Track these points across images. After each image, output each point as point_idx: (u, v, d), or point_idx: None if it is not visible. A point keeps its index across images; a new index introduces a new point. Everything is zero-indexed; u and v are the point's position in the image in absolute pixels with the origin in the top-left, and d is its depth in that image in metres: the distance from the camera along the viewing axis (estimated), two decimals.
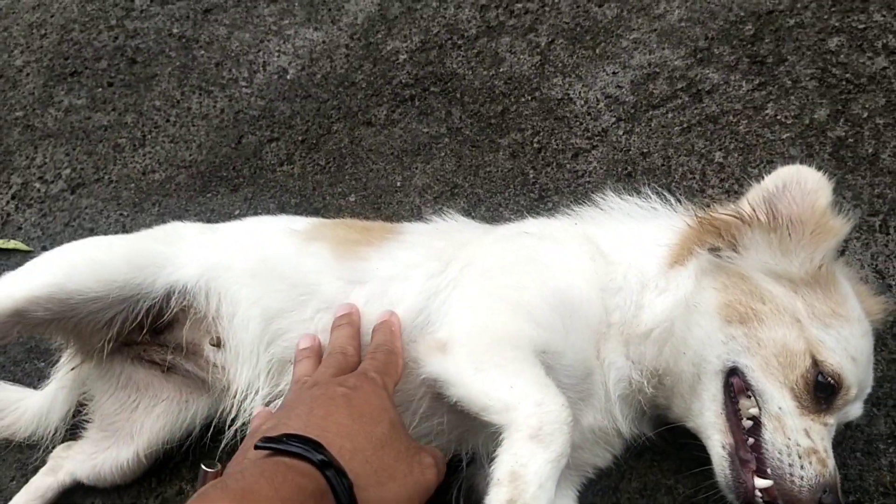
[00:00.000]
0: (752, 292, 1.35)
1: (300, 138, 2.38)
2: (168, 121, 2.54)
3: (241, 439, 1.69)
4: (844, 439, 1.57)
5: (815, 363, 1.28)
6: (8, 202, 2.52)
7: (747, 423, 1.34)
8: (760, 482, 1.29)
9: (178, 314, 1.74)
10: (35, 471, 1.93)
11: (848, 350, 1.29)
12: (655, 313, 1.42)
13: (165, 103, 2.57)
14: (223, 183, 2.38)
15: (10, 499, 1.87)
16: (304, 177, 2.31)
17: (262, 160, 2.38)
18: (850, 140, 1.88)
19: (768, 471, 1.29)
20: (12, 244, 2.42)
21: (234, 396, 1.69)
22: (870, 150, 1.86)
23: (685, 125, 2.03)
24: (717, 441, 1.35)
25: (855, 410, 1.36)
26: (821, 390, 1.29)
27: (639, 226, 1.58)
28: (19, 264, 2.33)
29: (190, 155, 2.46)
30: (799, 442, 1.28)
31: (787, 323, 1.31)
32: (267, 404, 1.65)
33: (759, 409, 1.32)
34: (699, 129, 2.01)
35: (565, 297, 1.43)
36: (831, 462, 1.27)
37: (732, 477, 1.33)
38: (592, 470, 1.56)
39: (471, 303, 1.45)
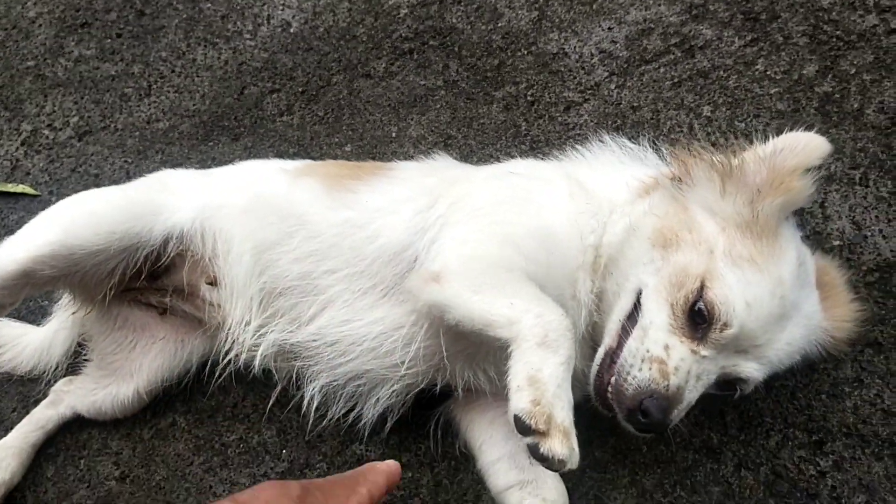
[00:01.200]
0: (685, 222, 1.39)
1: (300, 90, 2.43)
2: (173, 71, 2.60)
3: (234, 371, 1.76)
4: (811, 382, 1.61)
5: (702, 288, 1.31)
6: (17, 148, 2.59)
7: None
8: (612, 379, 1.35)
9: (175, 258, 1.79)
10: (36, 403, 2.01)
11: (745, 294, 1.30)
12: (614, 234, 1.47)
13: (171, 54, 2.62)
14: (225, 132, 2.43)
15: (12, 429, 1.96)
16: (303, 127, 2.36)
17: (262, 110, 2.43)
18: (836, 95, 1.90)
19: (615, 370, 1.35)
20: (21, 188, 2.49)
21: (229, 329, 1.75)
22: (855, 106, 1.87)
23: (676, 80, 2.05)
24: (603, 345, 1.41)
25: (748, 368, 1.34)
26: (698, 316, 1.31)
27: (622, 167, 1.63)
28: (27, 208, 2.44)
29: (193, 105, 2.51)
30: (649, 349, 1.32)
31: (700, 251, 1.35)
32: (256, 335, 1.70)
33: (637, 321, 1.37)
34: (689, 83, 2.03)
35: (549, 233, 1.48)
36: (675, 379, 1.29)
37: (597, 372, 1.40)
38: None
39: (460, 237, 1.50)
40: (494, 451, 1.59)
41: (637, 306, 1.39)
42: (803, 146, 1.37)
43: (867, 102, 1.87)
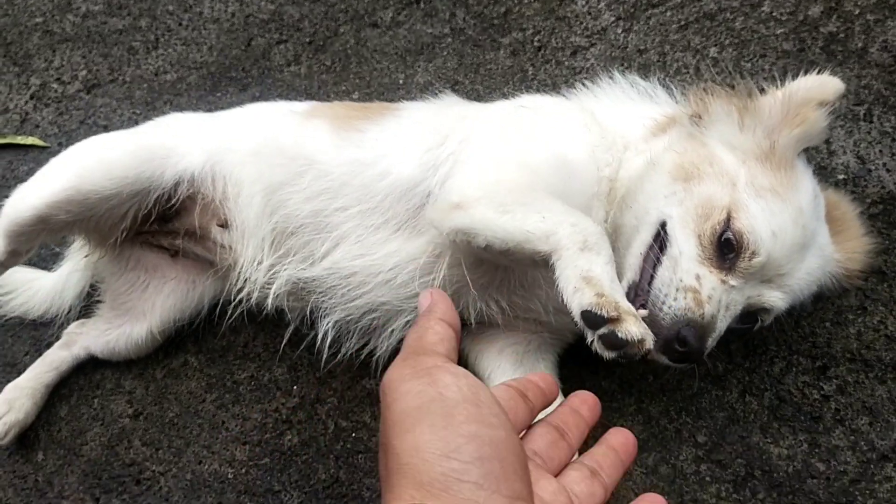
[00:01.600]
0: (705, 156, 1.40)
1: (307, 40, 2.44)
2: (181, 24, 2.61)
3: (245, 312, 1.78)
4: (815, 310, 1.63)
5: (729, 219, 1.32)
6: (27, 101, 2.60)
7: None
8: (641, 311, 1.30)
9: (185, 201, 1.80)
10: (49, 346, 2.03)
11: (770, 224, 1.31)
12: (629, 170, 1.48)
13: (178, 7, 2.63)
14: (232, 83, 2.44)
15: (25, 370, 1.99)
16: (311, 76, 2.37)
17: (270, 61, 2.44)
18: (841, 35, 1.91)
19: (648, 300, 1.34)
20: (31, 140, 2.51)
21: (241, 269, 1.76)
22: (859, 45, 1.88)
23: (683, 22, 2.06)
24: (625, 280, 1.39)
25: (772, 297, 1.36)
26: (726, 246, 1.32)
27: (633, 103, 1.64)
28: (37, 160, 2.46)
29: (201, 57, 2.52)
30: (682, 279, 1.32)
31: (723, 183, 1.36)
32: (269, 273, 1.71)
33: (666, 251, 1.37)
34: (696, 25, 2.04)
35: (566, 160, 1.49)
36: (709, 308, 1.29)
37: None
38: (571, 335, 1.64)
39: (477, 168, 1.50)
40: (502, 380, 1.61)
41: (658, 239, 1.40)
42: (819, 85, 1.39)
43: (871, 41, 1.88)
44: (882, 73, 1.84)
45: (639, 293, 1.36)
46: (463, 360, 1.71)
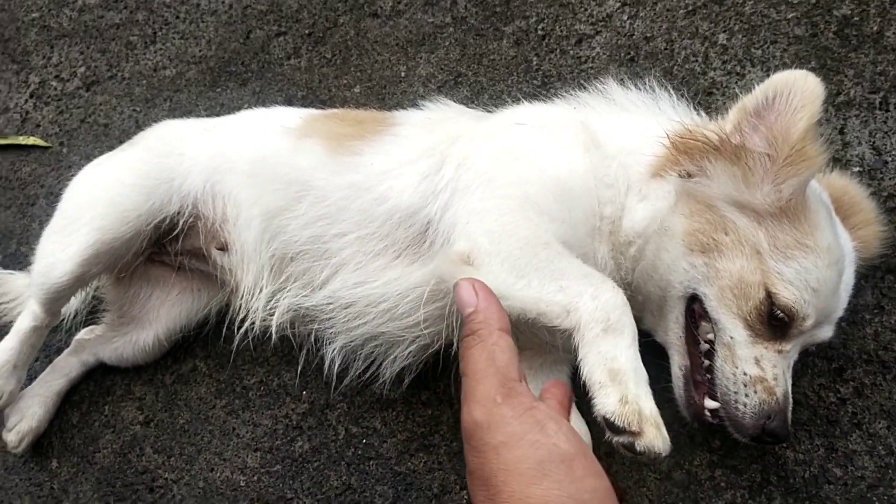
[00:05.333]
0: (716, 222, 1.34)
1: (307, 32, 2.39)
2: (178, 17, 2.56)
3: (256, 341, 1.79)
4: None
5: (769, 295, 1.30)
6: (27, 100, 2.58)
7: (705, 347, 1.38)
8: (709, 403, 1.36)
9: (188, 224, 1.81)
10: (58, 352, 2.04)
11: (808, 281, 1.29)
12: (634, 221, 1.43)
13: (175, 0, 2.58)
14: (232, 78, 2.40)
15: (35, 378, 1.99)
16: (311, 70, 2.33)
17: (269, 54, 2.40)
18: (855, 18, 1.84)
19: (717, 394, 1.35)
20: (32, 140, 2.49)
21: (242, 297, 1.76)
22: (874, 29, 1.82)
23: (690, 8, 1.99)
24: (675, 362, 1.42)
25: (824, 333, 1.37)
26: (774, 321, 1.31)
27: (634, 121, 1.56)
28: (39, 160, 2.44)
29: (199, 51, 2.48)
30: (746, 371, 1.32)
31: (746, 255, 1.32)
32: (270, 301, 1.71)
33: (714, 335, 1.36)
34: (704, 11, 1.98)
35: (566, 186, 1.43)
36: (780, 389, 1.31)
37: (685, 396, 1.40)
38: None
39: (478, 208, 1.43)
40: None
41: (689, 314, 1.39)
42: (798, 95, 1.27)
43: (887, 24, 1.81)
44: None
45: (697, 379, 1.38)
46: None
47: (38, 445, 1.96)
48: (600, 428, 1.15)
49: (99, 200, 1.79)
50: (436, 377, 1.76)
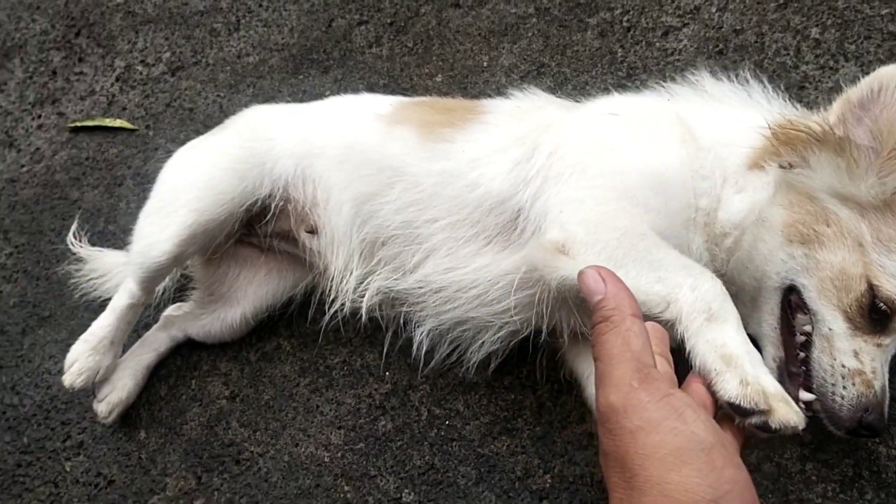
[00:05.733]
0: (818, 214, 1.34)
1: (389, 21, 2.42)
2: (261, 6, 2.61)
3: (342, 321, 1.82)
4: None
5: (871, 287, 1.30)
6: (113, 84, 2.65)
7: (801, 339, 1.38)
8: (805, 395, 1.35)
9: (278, 206, 1.86)
10: (146, 328, 2.10)
11: None
12: (731, 213, 1.44)
13: None
14: (314, 65, 2.45)
15: (125, 352, 2.05)
16: (393, 58, 2.36)
17: (351, 43, 2.44)
18: None
19: (814, 386, 1.35)
20: (118, 123, 2.56)
21: (332, 279, 1.80)
22: None
23: (781, 1, 1.99)
24: (769, 353, 1.41)
25: None
26: (875, 314, 1.30)
27: (730, 113, 1.56)
28: (125, 142, 2.51)
29: (282, 38, 2.53)
30: (844, 363, 1.32)
31: (848, 246, 1.32)
32: (360, 284, 1.75)
33: (812, 327, 1.36)
34: (796, 4, 1.97)
35: (663, 178, 1.44)
36: (878, 383, 1.31)
37: None
38: (672, 342, 1.61)
39: (572, 197, 1.44)
40: None
41: (785, 306, 1.39)
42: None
43: None
44: None
45: (792, 371, 1.38)
46: (559, 358, 1.71)
47: (126, 416, 2.02)
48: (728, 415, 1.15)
49: (195, 183, 1.85)
50: (518, 362, 1.79)
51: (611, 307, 1.09)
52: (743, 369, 1.15)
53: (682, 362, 1.19)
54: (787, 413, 1.11)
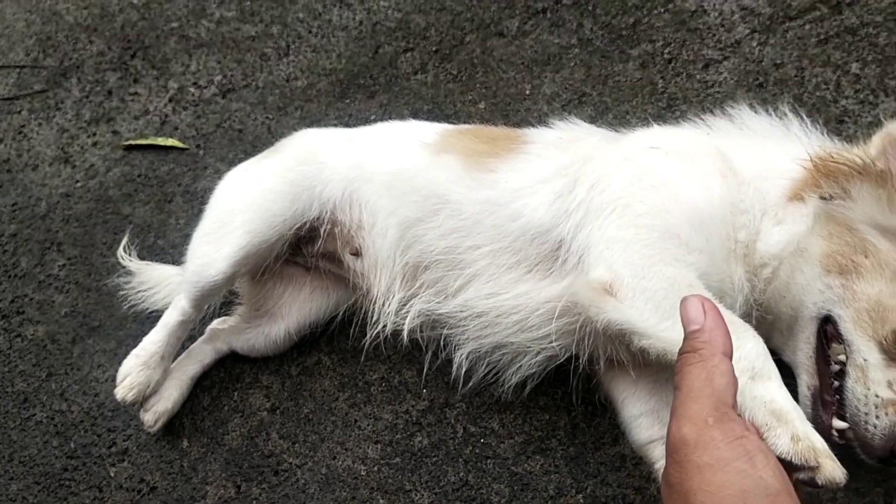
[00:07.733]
0: (856, 245, 1.37)
1: (434, 48, 2.50)
2: (310, 32, 2.71)
3: (384, 340, 1.85)
4: None
5: None
6: (166, 104, 2.75)
7: (835, 368, 1.40)
8: (838, 423, 1.37)
9: (326, 229, 1.91)
10: (192, 340, 2.16)
11: None
12: (769, 244, 1.46)
13: (308, 15, 2.73)
14: (360, 90, 2.53)
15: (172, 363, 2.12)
16: (437, 85, 2.43)
17: (397, 69, 2.52)
18: None
19: (847, 415, 1.36)
20: (171, 142, 2.65)
21: (374, 301, 1.85)
22: None
23: (822, 37, 2.02)
24: (803, 381, 1.44)
25: None
26: None
27: (769, 146, 1.59)
28: (176, 161, 2.60)
29: (330, 64, 2.61)
30: (878, 393, 1.33)
31: (885, 278, 1.33)
32: (402, 306, 1.80)
33: (847, 357, 1.37)
34: (836, 40, 2.00)
35: (704, 215, 1.46)
36: None
37: (813, 415, 1.41)
38: None
39: (617, 236, 1.47)
40: (637, 406, 1.63)
41: (821, 335, 1.42)
42: None
43: None
44: None
45: (825, 399, 1.40)
46: (595, 381, 1.74)
47: (170, 425, 2.08)
48: None
49: (250, 206, 1.90)
50: (553, 383, 1.82)
51: (703, 340, 1.09)
52: (794, 425, 1.16)
53: None
54: (833, 470, 1.12)
